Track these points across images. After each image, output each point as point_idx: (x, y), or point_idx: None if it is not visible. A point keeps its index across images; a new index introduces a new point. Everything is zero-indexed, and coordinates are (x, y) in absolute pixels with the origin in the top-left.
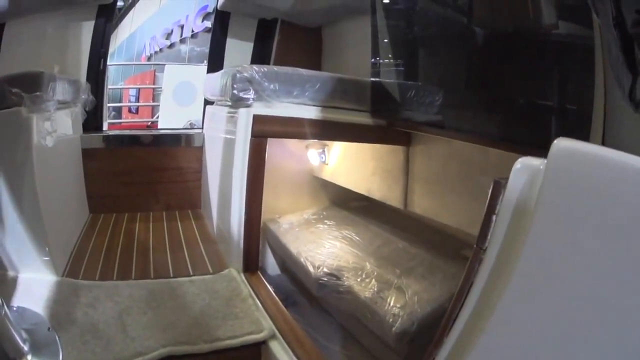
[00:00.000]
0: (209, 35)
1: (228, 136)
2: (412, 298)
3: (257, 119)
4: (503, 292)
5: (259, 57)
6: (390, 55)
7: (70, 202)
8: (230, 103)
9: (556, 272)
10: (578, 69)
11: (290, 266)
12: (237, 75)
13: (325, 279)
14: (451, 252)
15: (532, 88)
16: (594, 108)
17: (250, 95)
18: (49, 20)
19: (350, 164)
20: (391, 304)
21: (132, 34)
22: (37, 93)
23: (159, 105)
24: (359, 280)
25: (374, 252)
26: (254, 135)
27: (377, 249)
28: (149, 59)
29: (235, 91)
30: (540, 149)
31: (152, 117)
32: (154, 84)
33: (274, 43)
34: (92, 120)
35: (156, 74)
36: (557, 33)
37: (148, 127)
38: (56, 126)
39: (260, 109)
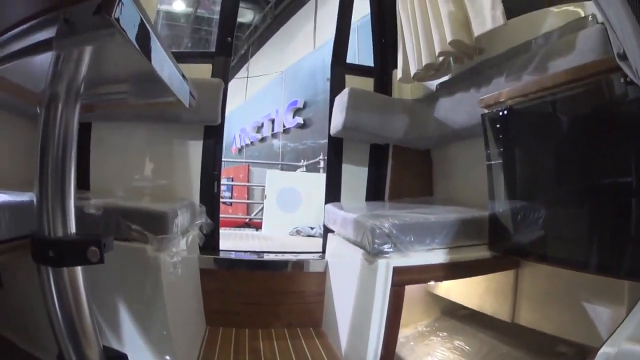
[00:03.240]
0: (301, 131)
1: (363, 279)
2: None
3: (396, 270)
4: None
5: (374, 182)
6: (504, 184)
7: (190, 317)
8: (368, 249)
9: None
10: None
11: None
12: (377, 230)
13: None
14: (547, 350)
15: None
16: None
17: (390, 250)
18: (143, 130)
19: (463, 282)
20: None
21: None
22: (164, 236)
23: (258, 204)
24: None
25: (482, 359)
26: (394, 284)
27: (484, 356)
28: (239, 151)
29: (375, 245)
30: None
31: (249, 214)
32: (247, 179)
33: (388, 168)
34: (209, 242)
35: (250, 168)
36: None
37: (246, 224)
38: (180, 257)
39: (398, 259)
